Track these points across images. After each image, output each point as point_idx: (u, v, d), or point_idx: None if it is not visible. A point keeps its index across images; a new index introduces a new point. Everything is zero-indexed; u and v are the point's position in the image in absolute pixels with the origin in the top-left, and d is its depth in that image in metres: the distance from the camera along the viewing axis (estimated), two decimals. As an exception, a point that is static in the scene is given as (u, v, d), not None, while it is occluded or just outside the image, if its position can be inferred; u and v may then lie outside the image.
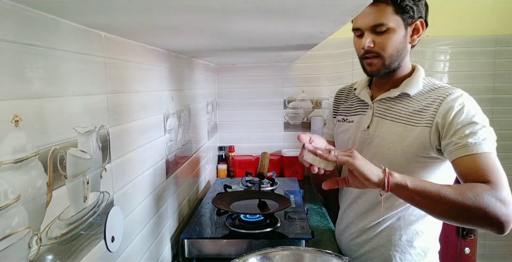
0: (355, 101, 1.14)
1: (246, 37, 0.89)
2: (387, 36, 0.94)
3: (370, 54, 0.97)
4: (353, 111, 1.13)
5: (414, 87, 1.00)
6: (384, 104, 1.04)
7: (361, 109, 1.11)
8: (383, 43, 0.95)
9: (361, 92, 1.11)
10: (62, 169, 0.60)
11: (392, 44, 0.95)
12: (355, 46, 1.03)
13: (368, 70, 1.01)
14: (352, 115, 1.13)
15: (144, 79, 1.01)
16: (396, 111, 1.02)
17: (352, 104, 1.15)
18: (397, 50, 0.96)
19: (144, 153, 0.99)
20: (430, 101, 0.96)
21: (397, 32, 0.94)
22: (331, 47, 2.10)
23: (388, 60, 0.97)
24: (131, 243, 0.89)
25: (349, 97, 1.18)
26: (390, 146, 0.99)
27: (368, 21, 0.94)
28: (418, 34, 0.98)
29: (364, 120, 1.07)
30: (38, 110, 0.54)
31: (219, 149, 2.19)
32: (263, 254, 0.91)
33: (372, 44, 0.95)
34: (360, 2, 0.55)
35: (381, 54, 0.96)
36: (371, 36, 0.95)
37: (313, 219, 1.53)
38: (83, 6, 0.53)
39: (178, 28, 0.74)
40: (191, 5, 0.52)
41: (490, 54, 2.13)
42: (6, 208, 0.47)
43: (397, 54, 0.97)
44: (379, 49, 0.96)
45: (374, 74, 1.02)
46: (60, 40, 0.61)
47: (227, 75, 2.20)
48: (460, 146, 0.87)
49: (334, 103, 1.24)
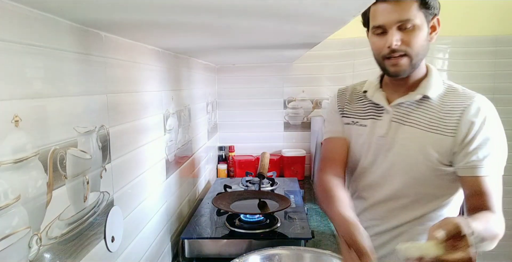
0: (366, 104, 1.05)
1: (246, 35, 0.88)
2: (413, 33, 0.88)
3: (396, 53, 0.89)
4: (365, 114, 1.04)
5: (435, 89, 0.95)
6: (404, 108, 0.97)
7: (374, 113, 1.02)
8: (411, 40, 0.88)
9: (375, 95, 1.02)
10: (62, 169, 0.60)
11: (419, 41, 0.88)
12: (375, 45, 0.94)
13: (392, 70, 0.93)
14: (363, 118, 1.04)
15: (144, 79, 1.01)
16: (416, 116, 0.95)
17: (363, 106, 1.06)
18: (423, 48, 0.91)
19: (144, 153, 0.99)
20: (451, 107, 0.92)
21: (422, 29, 0.88)
22: (331, 47, 2.10)
23: (415, 59, 0.91)
24: (131, 243, 0.89)
25: (356, 97, 1.09)
26: (411, 153, 0.94)
27: (394, 17, 0.87)
28: (435, 32, 0.93)
29: (380, 126, 0.99)
30: (38, 110, 0.54)
31: (219, 149, 2.19)
32: (263, 254, 0.91)
33: (399, 42, 0.88)
34: (362, 2, 0.55)
35: (409, 52, 0.89)
36: (397, 33, 0.88)
37: (313, 219, 1.52)
38: (81, 4, 0.53)
39: (177, 26, 0.73)
40: (191, 3, 0.52)
41: (490, 54, 2.13)
42: (6, 208, 0.47)
43: (423, 53, 0.91)
44: (407, 46, 0.88)
45: (399, 75, 0.93)
46: (60, 40, 0.61)
47: (227, 75, 2.20)
48: (471, 166, 0.88)
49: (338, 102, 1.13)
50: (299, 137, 2.24)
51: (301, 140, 2.24)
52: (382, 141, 0.98)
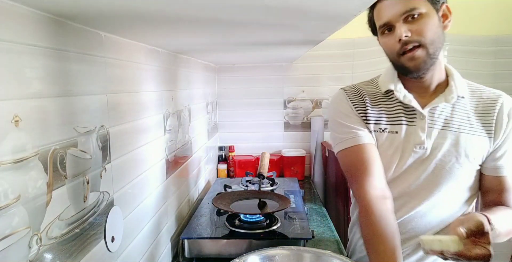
0: (394, 107, 0.93)
1: (246, 32, 0.87)
2: (422, 21, 0.82)
3: (410, 45, 0.83)
4: (394, 119, 0.92)
5: (461, 87, 0.90)
6: (439, 112, 0.90)
7: (406, 118, 0.91)
8: (421, 28, 0.82)
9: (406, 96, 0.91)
10: (62, 169, 0.60)
11: (431, 28, 0.83)
12: (386, 45, 0.88)
13: (411, 65, 0.85)
14: (392, 124, 0.92)
15: (144, 79, 1.01)
16: (455, 118, 0.89)
17: (391, 109, 0.93)
18: (438, 35, 0.84)
19: (144, 153, 0.99)
20: (483, 106, 0.90)
21: (431, 17, 0.83)
22: (331, 48, 2.10)
23: (432, 48, 0.83)
24: (131, 243, 0.89)
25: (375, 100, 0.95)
26: (455, 161, 0.88)
27: (397, 9, 0.82)
28: (448, 20, 0.87)
29: (416, 132, 0.89)
30: (38, 110, 0.54)
31: (219, 149, 2.19)
32: (263, 254, 0.91)
33: (409, 33, 0.82)
34: (362, 2, 0.55)
35: (423, 42, 0.83)
36: (405, 25, 0.83)
37: (313, 219, 1.53)
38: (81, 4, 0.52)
39: (177, 22, 0.73)
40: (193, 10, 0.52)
41: (490, 54, 2.13)
42: (6, 208, 0.47)
43: (438, 41, 0.84)
44: (419, 36, 0.82)
45: (420, 69, 0.86)
46: (60, 40, 0.61)
47: (227, 75, 2.20)
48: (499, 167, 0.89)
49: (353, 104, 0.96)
50: (299, 137, 2.24)
51: (301, 140, 2.24)
52: (421, 150, 0.89)
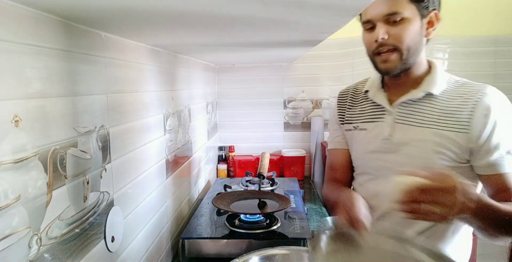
0: (367, 106, 1.01)
1: (246, 31, 0.87)
2: (402, 26, 0.84)
3: (385, 48, 0.86)
4: (367, 118, 1.00)
5: (438, 85, 0.90)
6: (406, 108, 0.93)
7: (376, 115, 0.97)
8: (399, 34, 0.84)
9: (376, 95, 0.98)
10: (62, 169, 0.60)
11: (409, 34, 0.84)
12: (365, 41, 0.91)
13: (383, 67, 0.89)
14: (365, 122, 0.99)
15: (144, 79, 1.01)
16: (422, 114, 0.91)
17: (364, 109, 1.01)
18: (415, 42, 0.86)
19: (144, 153, 0.99)
20: (460, 102, 0.88)
21: (413, 23, 0.84)
22: (331, 47, 2.10)
23: (406, 54, 0.86)
24: (131, 243, 0.89)
25: (357, 100, 1.05)
26: (423, 155, 0.88)
27: (380, 10, 0.84)
28: (432, 28, 0.89)
29: (383, 128, 0.95)
30: (38, 110, 0.54)
31: (219, 149, 2.19)
32: (263, 254, 0.91)
33: (386, 35, 0.85)
34: (361, 2, 0.55)
35: (398, 47, 0.85)
36: (384, 27, 0.85)
37: (313, 219, 1.52)
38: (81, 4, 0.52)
39: (177, 21, 0.73)
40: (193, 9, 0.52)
41: (490, 54, 2.13)
42: (6, 208, 0.47)
43: (415, 47, 0.87)
44: (395, 41, 0.85)
45: (390, 72, 0.90)
46: (60, 40, 0.61)
47: (227, 75, 2.20)
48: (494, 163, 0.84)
49: (338, 108, 1.09)
50: (299, 137, 2.24)
51: (301, 140, 2.24)
52: (387, 144, 0.93)
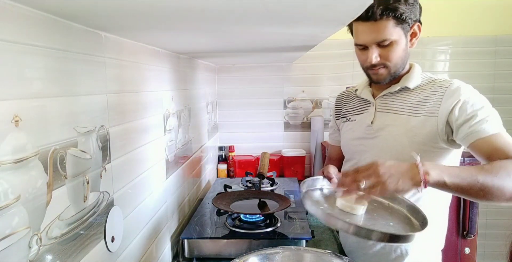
0: (357, 101, 1.18)
1: (246, 38, 0.88)
2: (391, 48, 0.97)
3: (376, 67, 1.01)
4: (356, 111, 1.17)
5: (414, 81, 1.04)
6: (386, 99, 1.08)
7: (363, 108, 1.14)
8: (388, 55, 0.98)
9: (363, 91, 1.15)
10: (62, 169, 0.60)
11: (396, 54, 0.98)
12: (359, 58, 1.06)
13: (374, 78, 1.05)
14: (355, 114, 1.16)
15: (144, 79, 1.01)
16: (398, 104, 1.05)
17: (354, 104, 1.19)
18: (401, 59, 1.00)
19: (144, 153, 0.99)
20: (430, 92, 1.01)
21: (400, 43, 0.97)
22: (331, 48, 2.10)
23: (394, 69, 1.01)
24: (131, 243, 0.89)
25: (350, 98, 1.22)
26: (396, 138, 1.02)
27: (372, 37, 0.97)
28: (416, 37, 1.01)
29: (367, 117, 1.10)
30: (38, 110, 0.54)
31: (219, 149, 2.19)
32: (263, 254, 0.91)
33: (378, 58, 0.99)
34: (361, 3, 0.55)
35: (387, 65, 1.00)
36: (377, 50, 0.98)
37: (313, 219, 1.52)
38: (82, 4, 0.53)
39: (177, 29, 0.73)
40: (193, 8, 0.52)
41: (490, 54, 2.13)
42: (6, 208, 0.47)
43: (402, 62, 1.01)
44: (385, 60, 0.99)
45: (381, 82, 1.05)
46: (60, 40, 0.61)
47: (227, 75, 2.20)
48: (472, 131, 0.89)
49: (335, 108, 1.28)
50: (299, 137, 2.24)
51: (301, 140, 2.24)
52: (369, 130, 1.08)
